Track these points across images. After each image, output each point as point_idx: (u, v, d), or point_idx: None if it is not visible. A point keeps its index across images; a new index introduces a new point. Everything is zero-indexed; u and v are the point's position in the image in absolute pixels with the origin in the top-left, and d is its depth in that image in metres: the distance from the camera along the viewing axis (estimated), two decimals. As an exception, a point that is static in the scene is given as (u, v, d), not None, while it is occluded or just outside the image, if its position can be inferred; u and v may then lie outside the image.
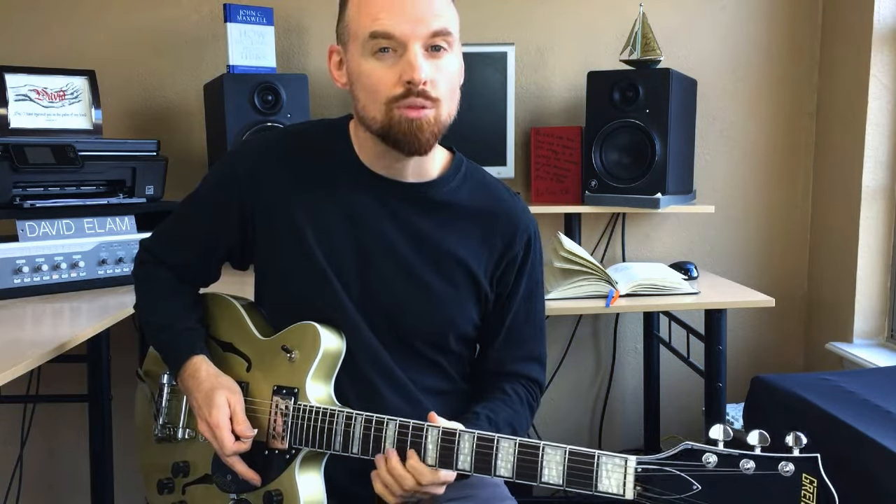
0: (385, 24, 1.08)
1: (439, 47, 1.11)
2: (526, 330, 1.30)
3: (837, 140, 2.49)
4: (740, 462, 0.93)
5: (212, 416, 1.16)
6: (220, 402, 1.18)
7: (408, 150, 1.14)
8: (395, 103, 1.10)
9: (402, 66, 1.09)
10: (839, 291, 2.48)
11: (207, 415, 1.17)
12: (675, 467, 0.96)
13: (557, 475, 1.02)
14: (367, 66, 1.11)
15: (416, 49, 1.08)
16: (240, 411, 1.18)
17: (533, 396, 1.31)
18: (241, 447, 1.17)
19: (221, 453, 1.17)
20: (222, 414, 1.16)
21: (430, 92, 1.10)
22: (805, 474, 0.91)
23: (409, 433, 1.10)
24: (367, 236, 1.21)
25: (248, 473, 1.17)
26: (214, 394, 1.18)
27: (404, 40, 1.08)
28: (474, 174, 1.28)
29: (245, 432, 1.17)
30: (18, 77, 1.99)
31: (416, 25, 1.08)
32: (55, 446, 2.47)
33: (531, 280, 1.29)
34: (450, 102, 1.14)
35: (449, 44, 1.12)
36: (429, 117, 1.11)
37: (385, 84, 1.10)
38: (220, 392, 1.19)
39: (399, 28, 1.08)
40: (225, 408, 1.17)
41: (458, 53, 1.15)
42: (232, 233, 1.26)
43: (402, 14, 1.08)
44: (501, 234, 1.25)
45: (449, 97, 1.14)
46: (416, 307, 1.22)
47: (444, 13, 1.11)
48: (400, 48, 1.09)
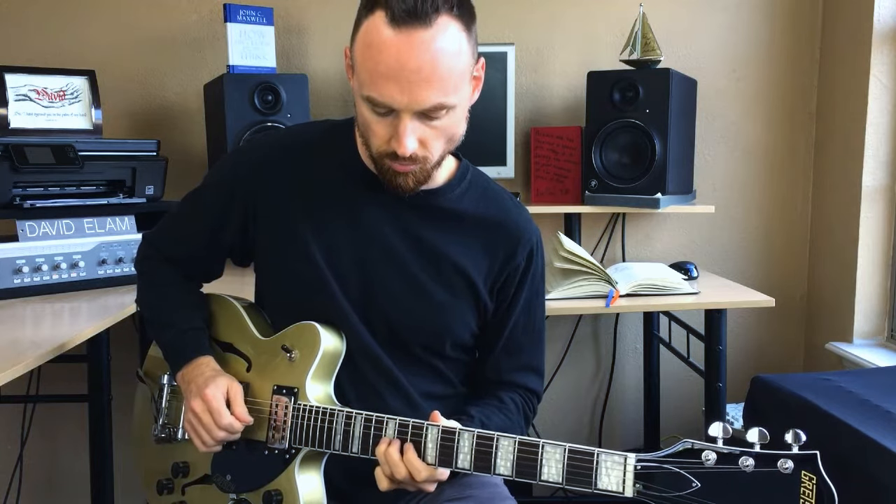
0: (380, 93, 1.04)
1: (435, 116, 1.07)
2: (524, 340, 1.29)
3: (837, 140, 2.49)
4: (740, 459, 0.93)
5: (207, 391, 1.16)
6: (220, 382, 1.18)
7: (394, 191, 1.15)
8: (384, 156, 1.11)
9: (393, 131, 1.07)
10: (839, 291, 2.48)
11: (203, 390, 1.16)
12: (674, 465, 0.96)
13: (557, 473, 1.02)
14: (363, 110, 1.10)
15: (407, 122, 1.06)
16: (239, 398, 1.18)
17: (529, 406, 1.31)
18: (229, 435, 1.17)
19: (207, 432, 1.16)
20: (219, 392, 1.16)
21: (418, 154, 1.09)
22: (804, 471, 0.91)
23: (409, 432, 1.10)
24: (369, 240, 1.21)
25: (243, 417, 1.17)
26: (215, 378, 1.19)
27: (397, 111, 1.06)
28: (479, 182, 1.28)
29: (242, 415, 1.17)
30: (18, 77, 1.99)
31: (410, 101, 1.03)
32: (55, 446, 2.47)
33: (531, 291, 1.29)
34: (445, 147, 1.13)
35: (448, 109, 1.08)
36: (414, 171, 1.12)
37: (377, 137, 1.10)
38: (223, 377, 1.19)
39: (393, 100, 1.04)
40: (223, 388, 1.17)
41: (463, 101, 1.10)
42: (235, 230, 1.26)
43: (397, 85, 1.02)
44: (504, 244, 1.25)
45: (443, 145, 1.12)
46: (413, 313, 1.22)
47: (447, 80, 1.04)
48: (394, 112, 1.06)
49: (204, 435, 1.17)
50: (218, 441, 1.18)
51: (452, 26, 1.04)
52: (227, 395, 1.18)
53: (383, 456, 1.10)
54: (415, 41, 1.01)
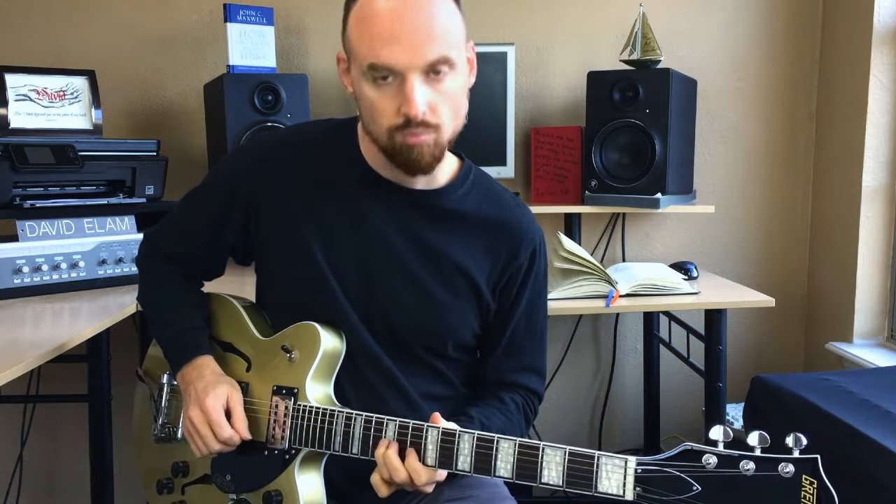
0: (382, 56, 1.05)
1: (439, 71, 1.08)
2: (526, 341, 1.29)
3: (837, 140, 2.49)
4: (740, 463, 0.93)
5: (207, 402, 1.16)
6: (220, 392, 1.18)
7: (410, 172, 1.14)
8: (395, 131, 1.09)
9: (401, 97, 1.07)
10: (839, 291, 2.48)
11: (203, 400, 1.16)
12: (674, 468, 0.96)
13: (557, 476, 1.02)
14: (367, 92, 1.10)
15: (413, 81, 1.06)
16: (239, 409, 1.18)
17: (530, 407, 1.31)
18: (227, 447, 1.17)
19: (204, 444, 1.16)
20: (219, 403, 1.16)
21: (430, 120, 1.09)
22: (805, 475, 0.91)
23: (409, 433, 1.10)
24: (370, 240, 1.21)
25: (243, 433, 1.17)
26: (216, 385, 1.18)
27: (402, 71, 1.06)
28: (482, 182, 1.28)
29: (242, 431, 1.17)
30: (18, 77, 1.99)
31: (413, 56, 1.05)
32: (55, 446, 2.47)
33: (534, 291, 1.28)
34: (453, 122, 1.13)
35: (451, 66, 1.09)
36: (429, 142, 1.11)
37: (385, 113, 1.09)
38: (223, 385, 1.19)
39: (396, 61, 1.05)
40: (223, 398, 1.17)
41: (462, 68, 1.12)
42: (236, 230, 1.26)
43: (398, 44, 1.04)
44: (506, 245, 1.25)
45: (451, 118, 1.12)
46: (415, 313, 1.21)
47: (445, 35, 1.07)
48: (398, 77, 1.07)
49: (201, 445, 1.18)
50: (214, 452, 1.18)
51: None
52: (226, 405, 1.18)
53: (382, 459, 1.09)
54: (410, 2, 1.05)
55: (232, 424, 1.17)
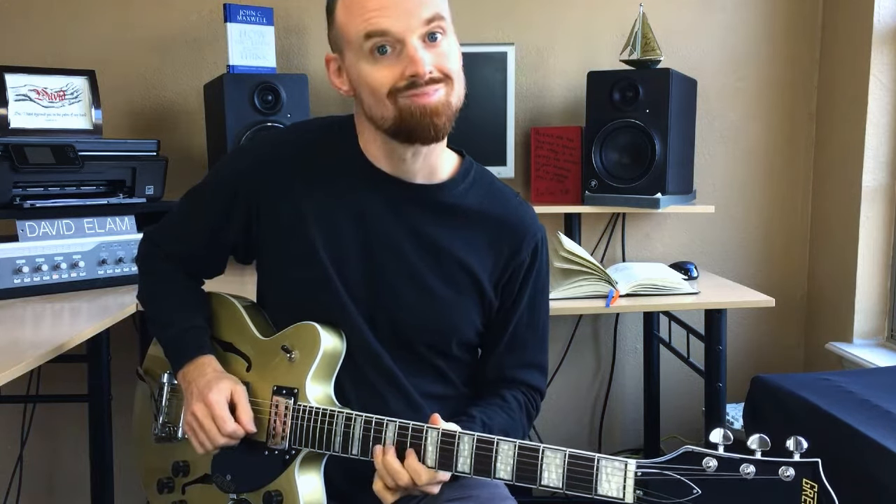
0: (378, 21, 1.06)
1: (435, 35, 1.09)
2: (528, 337, 1.29)
3: (837, 140, 2.49)
4: (740, 466, 0.92)
5: (210, 396, 1.15)
6: (223, 386, 1.17)
7: (425, 136, 1.12)
8: (399, 93, 1.09)
9: (404, 62, 1.07)
10: (839, 291, 2.48)
11: (206, 394, 1.16)
12: (675, 471, 0.95)
13: (557, 478, 1.01)
14: (367, 69, 1.10)
15: (414, 43, 1.07)
16: (244, 402, 1.18)
17: (532, 404, 1.31)
18: (231, 441, 1.16)
19: (208, 438, 1.16)
20: (223, 397, 1.16)
21: (438, 76, 1.09)
22: (805, 479, 0.90)
23: (409, 434, 1.10)
24: (373, 237, 1.20)
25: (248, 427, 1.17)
26: (219, 381, 1.18)
27: (400, 35, 1.07)
28: (483, 178, 1.27)
29: (247, 424, 1.16)
30: (18, 77, 1.99)
31: (409, 18, 1.06)
32: (55, 446, 2.47)
33: (536, 288, 1.28)
34: (458, 81, 1.13)
35: (444, 29, 1.10)
36: (441, 98, 1.10)
37: (388, 80, 1.09)
38: (225, 380, 1.19)
39: (392, 23, 1.06)
40: (227, 392, 1.17)
41: (453, 38, 1.13)
42: (238, 229, 1.25)
43: (392, 8, 1.06)
44: (508, 241, 1.25)
45: (457, 76, 1.12)
46: (418, 311, 1.21)
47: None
48: (398, 44, 1.07)
49: (204, 440, 1.17)
50: (218, 447, 1.17)
51: None
52: (230, 399, 1.17)
53: (382, 466, 1.09)
54: None
55: (236, 418, 1.16)
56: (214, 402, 1.15)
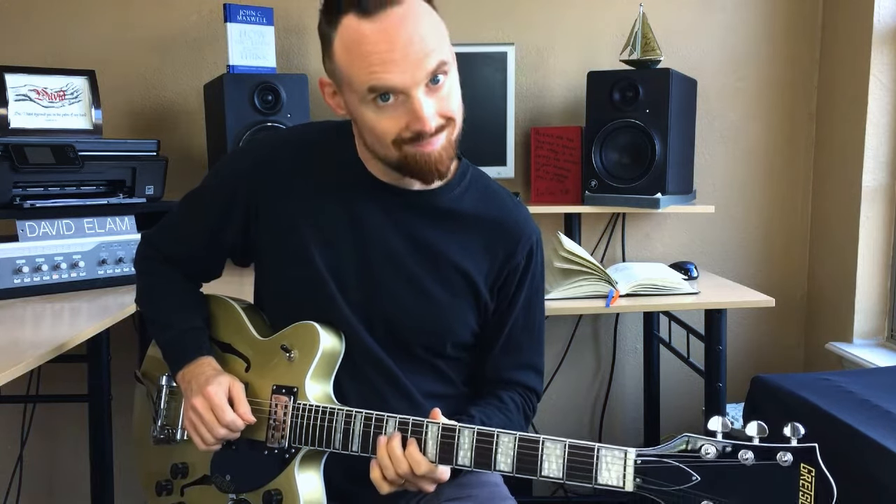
0: (383, 77, 1.04)
1: (438, 79, 1.07)
2: (524, 338, 1.29)
3: (837, 140, 2.49)
4: (739, 453, 0.93)
5: (209, 388, 1.15)
6: (222, 380, 1.18)
7: (428, 180, 1.14)
8: (405, 144, 1.09)
9: (409, 115, 1.06)
10: (839, 291, 2.48)
11: (205, 388, 1.16)
12: (674, 459, 0.96)
13: (557, 468, 1.02)
14: (369, 115, 1.09)
15: (419, 95, 1.05)
16: (242, 395, 1.18)
17: (529, 405, 1.31)
18: (231, 433, 1.16)
19: (208, 430, 1.16)
20: (221, 389, 1.16)
21: (442, 122, 1.09)
22: (803, 464, 0.91)
23: (409, 430, 1.10)
24: (369, 241, 1.21)
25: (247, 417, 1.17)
26: (217, 376, 1.18)
27: (405, 89, 1.05)
28: (479, 181, 1.28)
29: (246, 414, 1.16)
30: (18, 77, 1.99)
31: (415, 71, 1.04)
32: (55, 446, 2.47)
33: (531, 290, 1.29)
34: (459, 117, 1.13)
35: (446, 71, 1.08)
36: (443, 144, 1.11)
37: (391, 132, 1.08)
38: (224, 376, 1.19)
39: (399, 78, 1.04)
40: (225, 385, 1.17)
41: (453, 64, 1.11)
42: (236, 231, 1.25)
43: (396, 64, 1.03)
44: (504, 244, 1.25)
45: (458, 114, 1.13)
46: (414, 313, 1.22)
47: (435, 39, 1.06)
48: (402, 95, 1.06)
49: (205, 433, 1.17)
50: (219, 439, 1.17)
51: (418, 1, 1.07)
52: (229, 393, 1.17)
53: (385, 450, 1.09)
54: (394, 19, 1.03)
55: (235, 409, 1.16)
56: (213, 394, 1.15)
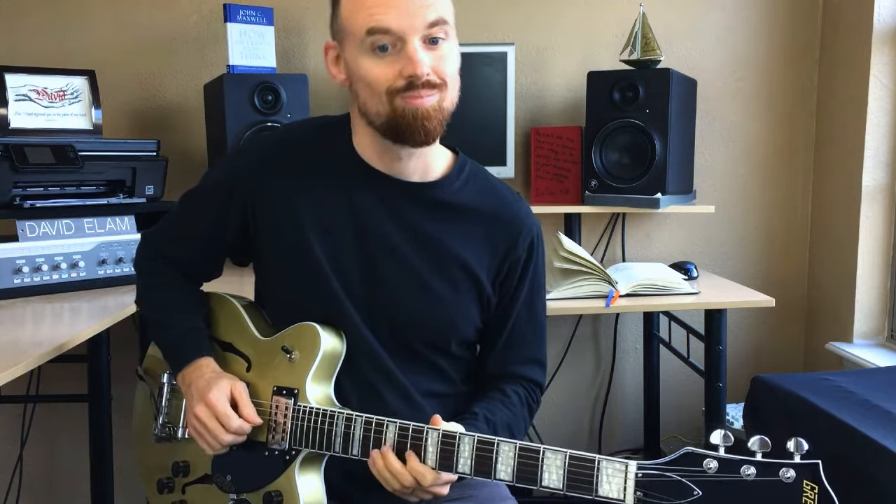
0: (381, 18, 1.07)
1: (437, 39, 1.10)
2: (527, 332, 1.29)
3: (837, 140, 2.49)
4: (741, 468, 0.92)
5: (210, 395, 1.15)
6: (222, 385, 1.17)
7: (415, 139, 1.13)
8: (397, 94, 1.10)
9: (403, 61, 1.08)
10: (839, 291, 2.48)
11: (206, 395, 1.15)
12: (675, 472, 0.95)
13: (558, 479, 1.01)
14: (366, 64, 1.10)
15: (415, 43, 1.08)
16: (245, 397, 1.18)
17: (533, 398, 1.31)
18: (238, 437, 1.16)
19: (214, 438, 1.15)
20: (223, 395, 1.16)
21: (434, 79, 1.10)
22: (806, 481, 0.90)
23: (409, 435, 1.10)
24: (370, 236, 1.20)
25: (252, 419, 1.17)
26: (217, 380, 1.18)
27: (402, 34, 1.07)
28: (478, 175, 1.28)
29: (251, 416, 1.16)
30: (18, 77, 1.99)
31: (413, 18, 1.07)
32: (55, 446, 2.47)
33: (533, 283, 1.29)
34: (453, 87, 1.14)
35: (446, 33, 1.11)
36: (434, 103, 1.11)
37: (385, 79, 1.10)
38: (224, 379, 1.19)
39: (396, 22, 1.07)
40: (226, 390, 1.17)
41: (454, 41, 1.14)
42: (234, 230, 1.25)
43: (397, 7, 1.07)
44: (504, 237, 1.25)
45: (452, 82, 1.14)
46: (417, 310, 1.21)
47: (439, 1, 1.10)
48: (399, 43, 1.08)
49: (211, 441, 1.17)
50: (226, 445, 1.17)
51: None
52: (231, 397, 1.17)
53: (385, 469, 1.08)
54: None
55: (239, 413, 1.16)
56: (216, 401, 1.15)
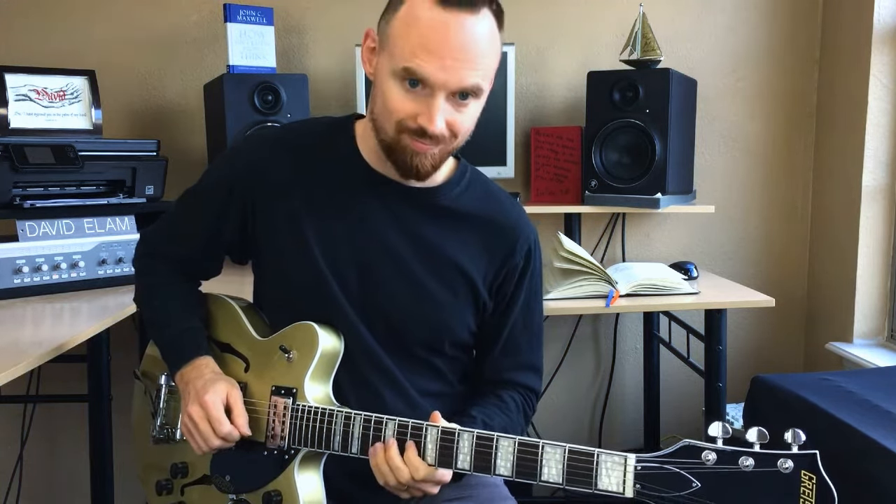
0: (421, 65, 1.05)
1: (467, 95, 1.09)
2: (523, 339, 1.30)
3: (837, 140, 2.49)
4: (739, 459, 0.93)
5: (206, 397, 1.15)
6: (219, 388, 1.17)
7: (405, 175, 1.16)
8: (405, 132, 1.10)
9: (423, 107, 1.08)
10: (839, 291, 2.48)
11: (202, 396, 1.16)
12: (674, 465, 0.96)
13: (557, 474, 1.02)
14: (391, 87, 1.10)
15: (441, 99, 1.07)
16: (239, 405, 1.18)
17: (528, 404, 1.31)
18: (226, 443, 1.16)
19: (204, 440, 1.16)
20: (218, 398, 1.16)
21: (445, 136, 1.10)
22: (804, 471, 0.91)
23: (409, 432, 1.10)
24: (368, 237, 1.21)
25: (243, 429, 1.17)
26: (215, 382, 1.18)
27: (434, 87, 1.07)
28: (478, 181, 1.28)
29: (242, 427, 1.16)
30: (18, 77, 1.99)
31: (450, 77, 1.06)
32: (55, 446, 2.47)
33: (530, 290, 1.29)
34: (462, 140, 1.15)
35: (478, 96, 1.11)
36: (434, 153, 1.13)
37: (401, 111, 1.09)
38: (222, 382, 1.19)
39: (433, 76, 1.05)
40: (222, 394, 1.17)
41: (485, 96, 1.14)
42: (233, 228, 1.25)
43: (441, 60, 1.05)
44: (503, 244, 1.25)
45: (463, 137, 1.14)
46: (413, 311, 1.22)
47: (484, 64, 1.08)
48: (427, 88, 1.07)
49: (200, 442, 1.17)
50: (214, 449, 1.17)
51: (492, 20, 1.09)
52: (226, 402, 1.17)
53: (383, 459, 1.09)
54: (463, 22, 1.05)
55: (232, 420, 1.16)
56: (210, 404, 1.15)
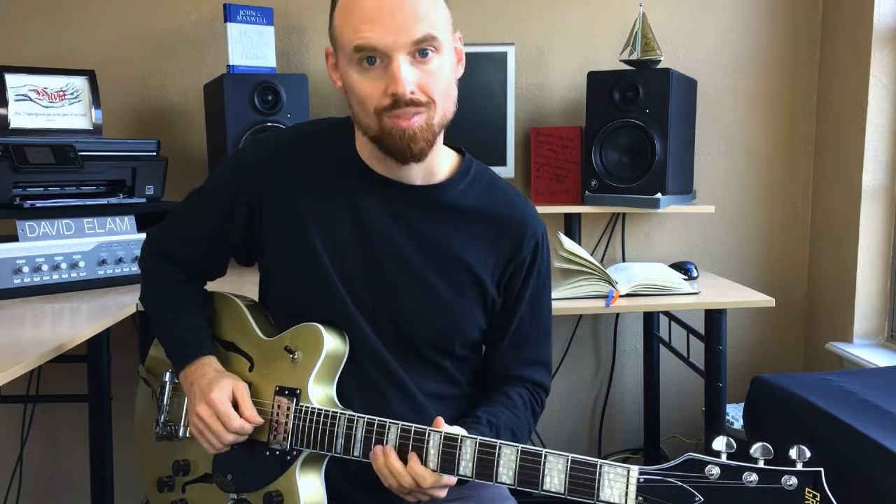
0: (367, 36, 1.05)
1: (426, 52, 1.08)
2: (531, 334, 1.29)
3: (837, 140, 2.49)
4: (743, 474, 0.92)
5: (212, 395, 1.15)
6: (224, 384, 1.17)
7: (402, 158, 1.13)
8: (384, 113, 1.09)
9: (388, 78, 1.07)
10: (839, 291, 2.48)
11: (208, 394, 1.16)
12: (677, 478, 0.95)
13: (559, 483, 1.01)
14: (354, 78, 1.10)
15: (399, 61, 1.06)
16: (246, 397, 1.18)
17: (537, 401, 1.30)
18: (239, 437, 1.16)
19: (216, 437, 1.16)
20: (224, 395, 1.16)
21: (419, 98, 1.08)
22: (808, 488, 0.90)
23: (411, 437, 1.10)
24: (374, 239, 1.20)
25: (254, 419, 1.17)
26: (219, 380, 1.18)
27: (387, 52, 1.06)
28: (483, 176, 1.27)
29: (253, 417, 1.16)
30: (18, 77, 1.99)
31: (398, 35, 1.05)
32: (55, 446, 2.47)
33: (538, 284, 1.28)
34: (443, 103, 1.12)
35: (436, 47, 1.09)
36: (420, 124, 1.10)
37: (373, 96, 1.09)
38: (226, 378, 1.19)
39: (381, 40, 1.05)
40: (228, 390, 1.17)
41: (448, 52, 1.12)
42: (239, 231, 1.25)
43: (382, 24, 1.05)
44: (509, 239, 1.24)
45: (442, 99, 1.11)
46: (422, 312, 1.21)
47: (428, 15, 1.07)
48: (385, 59, 1.07)
49: (213, 440, 1.17)
50: (227, 444, 1.17)
51: None
52: (232, 397, 1.17)
53: (385, 468, 1.08)
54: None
55: (241, 413, 1.16)
56: (217, 401, 1.15)
